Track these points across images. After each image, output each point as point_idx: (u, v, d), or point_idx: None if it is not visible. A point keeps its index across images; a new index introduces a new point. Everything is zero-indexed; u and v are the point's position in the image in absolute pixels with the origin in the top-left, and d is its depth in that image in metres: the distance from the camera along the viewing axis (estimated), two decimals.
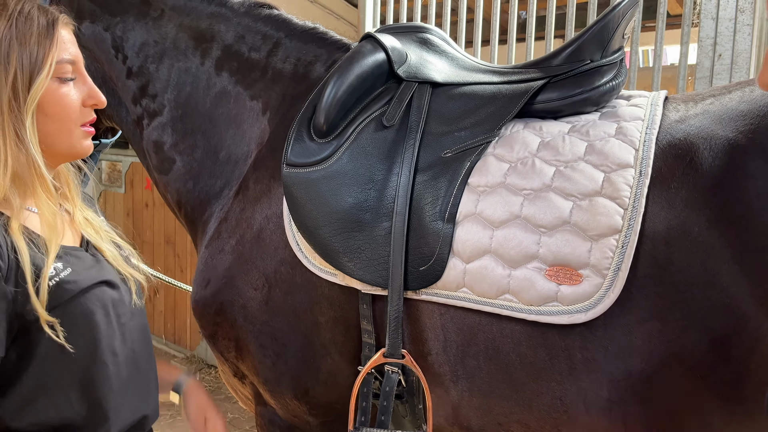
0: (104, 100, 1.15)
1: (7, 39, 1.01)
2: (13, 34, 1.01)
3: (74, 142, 1.11)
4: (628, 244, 1.08)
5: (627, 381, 1.10)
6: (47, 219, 1.04)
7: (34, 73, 1.02)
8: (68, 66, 1.07)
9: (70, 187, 1.18)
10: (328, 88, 1.34)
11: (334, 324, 1.34)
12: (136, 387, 1.14)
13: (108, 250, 1.17)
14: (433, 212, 1.22)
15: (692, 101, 1.25)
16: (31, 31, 1.03)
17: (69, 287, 1.02)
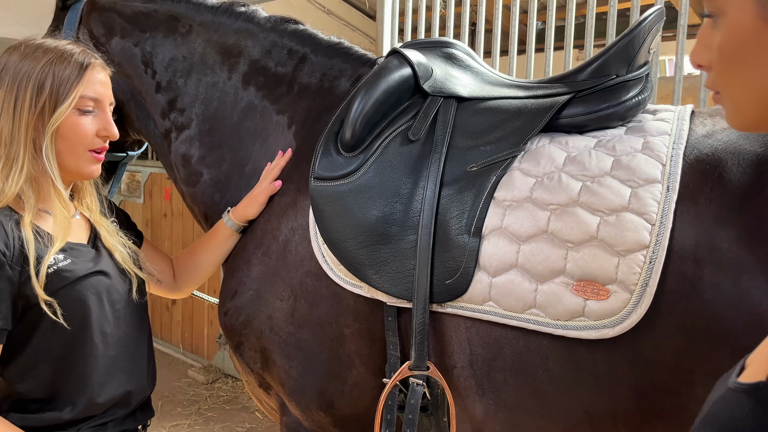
0: (116, 134, 1.34)
1: (47, 70, 1.25)
2: (54, 68, 1.25)
3: (80, 164, 1.31)
4: (656, 260, 1.08)
5: (654, 397, 1.09)
6: (58, 220, 1.26)
7: (59, 102, 1.25)
8: (90, 101, 1.30)
9: (90, 196, 1.41)
10: (356, 102, 1.36)
11: (359, 336, 1.35)
12: (124, 366, 1.33)
13: (118, 250, 1.38)
14: (459, 226, 1.23)
15: (719, 116, 1.25)
16: (67, 69, 1.26)
17: (66, 275, 1.22)
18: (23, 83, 1.24)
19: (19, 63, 1.25)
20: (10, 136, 1.23)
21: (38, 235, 1.22)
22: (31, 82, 1.24)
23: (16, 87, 1.24)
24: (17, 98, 1.23)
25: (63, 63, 1.27)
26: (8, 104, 1.23)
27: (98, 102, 1.32)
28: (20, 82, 1.24)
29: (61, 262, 1.22)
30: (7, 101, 1.24)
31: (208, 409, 3.89)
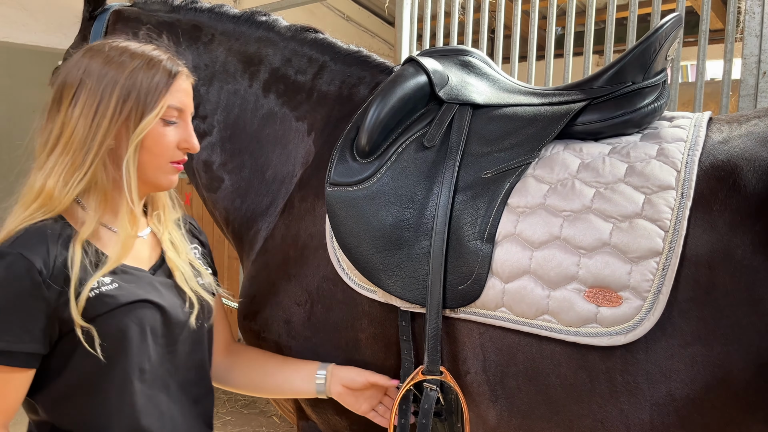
0: (197, 146, 1.27)
1: (135, 77, 1.17)
2: (142, 75, 1.18)
3: (160, 175, 1.23)
4: (669, 266, 1.08)
5: (669, 405, 1.09)
6: (122, 239, 1.16)
7: (146, 112, 1.17)
8: (174, 111, 1.22)
9: (165, 211, 1.34)
10: (371, 110, 1.37)
11: (374, 341, 1.37)
12: (157, 411, 1.17)
13: (180, 272, 1.26)
14: (472, 232, 1.23)
15: (736, 122, 1.24)
16: (156, 77, 1.19)
17: (108, 300, 1.10)
18: (108, 89, 1.15)
19: (104, 67, 1.16)
20: (83, 141, 1.14)
21: (86, 253, 1.11)
22: (117, 89, 1.15)
23: (100, 92, 1.15)
24: (100, 103, 1.14)
25: (151, 70, 1.19)
26: (89, 109, 1.14)
27: (182, 112, 1.24)
28: (105, 87, 1.15)
29: (105, 286, 1.11)
30: (87, 106, 1.14)
31: (226, 413, 3.93)
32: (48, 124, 1.18)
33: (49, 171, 1.13)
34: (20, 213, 1.12)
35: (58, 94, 1.18)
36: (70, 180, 1.13)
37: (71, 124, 1.14)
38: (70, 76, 1.18)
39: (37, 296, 1.04)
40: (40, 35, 4.43)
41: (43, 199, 1.12)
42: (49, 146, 1.15)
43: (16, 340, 1.03)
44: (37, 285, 1.04)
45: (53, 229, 1.11)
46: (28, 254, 1.04)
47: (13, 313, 1.03)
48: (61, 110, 1.16)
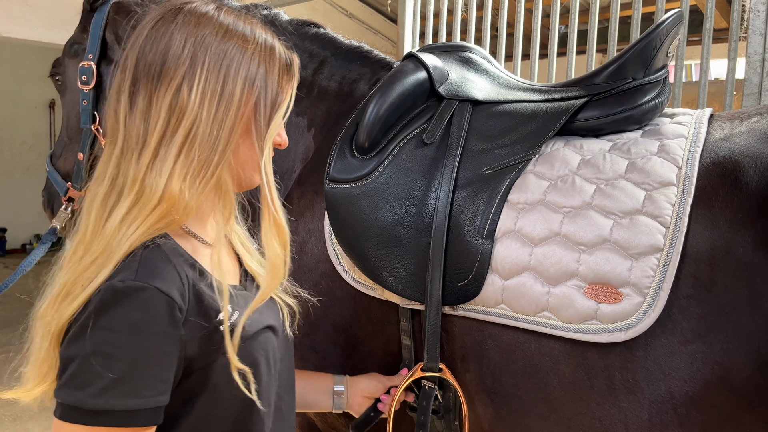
0: (287, 142, 1.08)
1: (259, 64, 0.94)
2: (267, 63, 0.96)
3: (255, 175, 1.01)
4: (669, 263, 1.07)
5: (668, 403, 1.08)
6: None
7: (276, 106, 0.97)
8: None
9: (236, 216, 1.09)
10: (370, 106, 1.37)
11: (372, 338, 1.36)
12: None
13: (260, 274, 1.04)
14: (472, 228, 1.23)
15: (738, 119, 1.24)
16: (276, 61, 0.97)
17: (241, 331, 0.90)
18: (231, 71, 0.91)
19: (221, 42, 0.91)
20: (208, 133, 0.89)
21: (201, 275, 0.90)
22: (242, 73, 0.92)
23: (222, 74, 0.90)
24: (224, 88, 0.90)
25: (273, 57, 0.96)
26: (212, 94, 0.90)
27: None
28: (227, 68, 0.91)
29: (232, 316, 0.90)
30: (210, 89, 0.90)
31: None
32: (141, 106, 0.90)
33: (168, 171, 0.87)
34: (138, 223, 0.86)
35: (156, 67, 0.90)
36: (196, 183, 0.89)
37: (191, 110, 0.88)
38: (173, 45, 0.90)
39: (174, 337, 0.83)
40: (41, 31, 4.43)
41: (166, 206, 0.87)
42: (156, 137, 0.88)
43: (153, 394, 0.81)
44: (176, 324, 0.82)
45: (170, 248, 0.88)
46: (164, 287, 0.82)
47: (151, 362, 0.81)
48: (169, 90, 0.89)
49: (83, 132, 1.70)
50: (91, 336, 0.79)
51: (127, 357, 0.79)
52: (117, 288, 0.80)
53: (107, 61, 1.70)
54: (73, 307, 0.82)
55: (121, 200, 0.87)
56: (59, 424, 0.80)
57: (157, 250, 0.86)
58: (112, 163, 0.90)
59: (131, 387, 0.79)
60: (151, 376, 0.81)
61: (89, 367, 0.78)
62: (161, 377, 0.82)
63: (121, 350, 0.79)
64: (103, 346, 0.78)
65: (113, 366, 0.78)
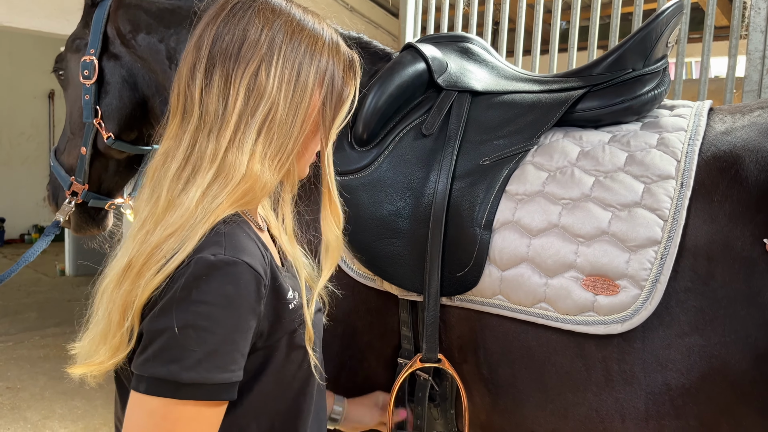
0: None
1: (325, 54, 0.97)
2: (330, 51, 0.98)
3: (307, 167, 1.05)
4: (667, 256, 1.07)
5: (665, 394, 1.09)
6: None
7: (343, 100, 1.00)
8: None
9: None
10: (369, 97, 1.36)
11: (371, 329, 1.36)
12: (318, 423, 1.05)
13: (304, 266, 1.04)
14: (470, 219, 1.23)
15: (739, 113, 1.23)
16: (343, 57, 1.00)
17: (302, 312, 0.94)
18: (306, 62, 0.94)
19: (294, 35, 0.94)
20: (285, 118, 0.92)
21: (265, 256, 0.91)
22: (314, 64, 0.95)
23: (297, 63, 0.93)
24: (299, 77, 0.93)
25: (339, 53, 0.99)
26: (288, 81, 0.92)
27: None
28: (302, 59, 0.93)
29: (296, 298, 0.93)
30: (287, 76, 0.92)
31: None
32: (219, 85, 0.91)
33: (250, 150, 0.89)
34: (221, 199, 0.87)
35: (233, 49, 0.91)
36: (274, 164, 0.91)
37: (270, 93, 0.90)
38: (251, 30, 0.92)
39: (257, 313, 0.85)
40: (42, 20, 4.42)
41: (249, 183, 0.89)
42: (236, 116, 0.90)
43: (238, 368, 0.83)
44: (260, 300, 0.85)
45: (247, 227, 0.91)
46: (252, 263, 0.84)
47: (239, 336, 0.82)
48: (248, 71, 0.91)
49: (85, 126, 1.71)
50: (185, 308, 0.78)
51: (220, 330, 0.79)
52: (210, 261, 0.80)
53: (108, 56, 1.71)
54: (158, 279, 0.81)
55: (199, 175, 0.87)
56: (144, 399, 0.79)
57: (237, 227, 0.87)
58: (186, 139, 0.90)
59: (222, 360, 0.79)
60: (237, 350, 0.81)
61: (183, 340, 0.77)
62: (244, 351, 0.83)
63: (216, 323, 0.79)
64: (197, 318, 0.78)
65: (207, 339, 0.78)
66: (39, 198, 9.57)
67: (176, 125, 0.93)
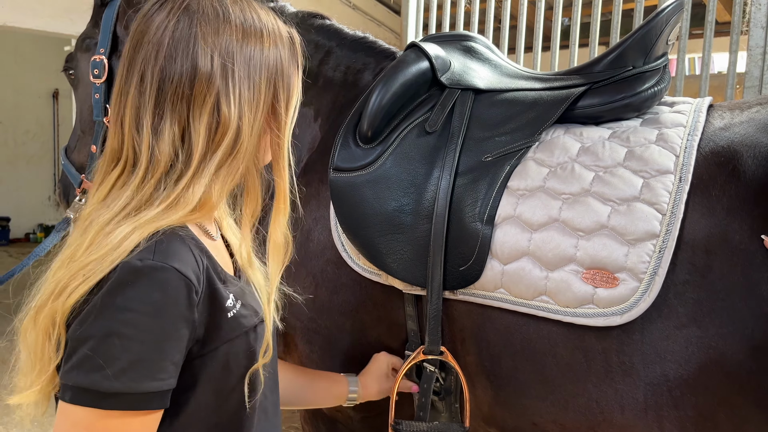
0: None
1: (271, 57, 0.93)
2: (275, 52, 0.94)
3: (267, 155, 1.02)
4: (665, 249, 1.09)
5: (663, 385, 1.11)
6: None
7: (291, 95, 0.96)
8: None
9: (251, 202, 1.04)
10: (373, 96, 1.39)
11: (378, 322, 1.39)
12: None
13: (256, 279, 1.01)
14: (472, 214, 1.25)
15: (738, 109, 1.25)
16: (285, 49, 0.96)
17: (243, 321, 0.90)
18: (256, 72, 0.91)
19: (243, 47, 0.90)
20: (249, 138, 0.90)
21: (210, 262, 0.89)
22: (264, 72, 0.91)
23: (251, 79, 0.90)
24: (254, 92, 0.90)
25: (282, 42, 0.95)
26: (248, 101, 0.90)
27: None
28: (254, 71, 0.90)
29: (236, 306, 0.90)
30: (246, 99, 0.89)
31: None
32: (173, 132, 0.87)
33: (206, 185, 0.87)
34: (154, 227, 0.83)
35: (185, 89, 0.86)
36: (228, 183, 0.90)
37: (232, 123, 0.87)
38: (199, 61, 0.86)
39: (189, 320, 0.81)
40: (46, 20, 4.44)
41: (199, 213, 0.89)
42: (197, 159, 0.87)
43: (167, 377, 0.79)
44: (191, 307, 0.81)
45: (187, 235, 0.87)
46: (182, 269, 0.80)
47: (167, 345, 0.79)
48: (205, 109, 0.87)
49: (96, 125, 1.73)
50: (109, 316, 0.76)
51: (146, 338, 0.76)
52: (136, 266, 0.77)
53: (118, 55, 1.73)
54: (83, 288, 0.78)
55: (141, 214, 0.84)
56: (68, 409, 0.76)
57: (174, 236, 0.84)
58: (129, 190, 0.86)
59: (149, 369, 0.77)
60: (166, 359, 0.79)
61: (106, 348, 0.75)
62: (174, 360, 0.80)
63: (141, 331, 0.76)
64: (121, 326, 0.75)
65: (132, 347, 0.75)
66: (44, 197, 9.58)
67: (117, 173, 0.88)
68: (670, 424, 1.11)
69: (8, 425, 3.51)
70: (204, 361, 0.85)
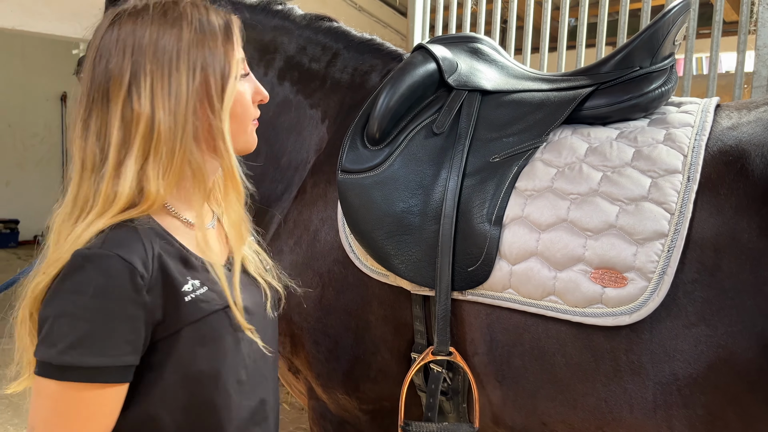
0: (267, 95, 1.11)
1: (193, 45, 0.97)
2: (198, 39, 0.98)
3: (248, 138, 1.09)
4: (674, 248, 1.10)
5: (672, 384, 1.11)
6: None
7: (225, 78, 0.99)
8: (243, 63, 1.05)
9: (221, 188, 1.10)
10: (381, 97, 1.39)
11: (383, 323, 1.39)
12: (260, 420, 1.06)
13: (251, 260, 1.10)
14: (480, 215, 1.26)
15: (746, 109, 1.26)
16: (214, 35, 1.00)
17: (204, 306, 0.95)
18: (173, 65, 0.95)
19: (158, 42, 0.95)
20: (169, 132, 0.94)
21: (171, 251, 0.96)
22: (183, 64, 0.96)
23: (166, 72, 0.95)
24: (170, 85, 0.95)
25: (211, 33, 0.99)
26: (163, 95, 0.94)
27: (245, 61, 1.07)
28: (170, 63, 0.95)
29: (198, 290, 0.95)
30: (159, 92, 0.94)
31: None
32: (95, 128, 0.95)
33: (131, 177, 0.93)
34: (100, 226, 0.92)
35: (103, 86, 0.95)
36: (167, 175, 0.95)
37: (144, 113, 0.93)
38: (114, 63, 0.94)
39: (138, 303, 0.89)
40: (54, 24, 4.47)
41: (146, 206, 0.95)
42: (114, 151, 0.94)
43: (118, 353, 0.88)
44: (138, 290, 0.88)
45: (143, 224, 0.94)
46: (126, 255, 0.88)
47: (114, 324, 0.87)
48: (118, 105, 0.94)
49: None
50: (61, 297, 0.87)
51: (91, 317, 0.86)
52: (84, 254, 0.88)
53: None
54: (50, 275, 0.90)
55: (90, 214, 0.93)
56: (38, 380, 0.87)
57: (127, 227, 0.92)
58: (72, 186, 0.96)
59: (98, 346, 0.86)
60: (115, 337, 0.87)
61: (58, 327, 0.86)
62: (126, 338, 0.88)
63: (86, 311, 0.86)
64: (70, 306, 0.86)
65: (79, 325, 0.85)
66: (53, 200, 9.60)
67: (70, 177, 0.98)
68: (679, 424, 1.11)
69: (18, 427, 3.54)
70: (168, 343, 0.93)
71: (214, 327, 0.97)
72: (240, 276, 1.03)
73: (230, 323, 0.99)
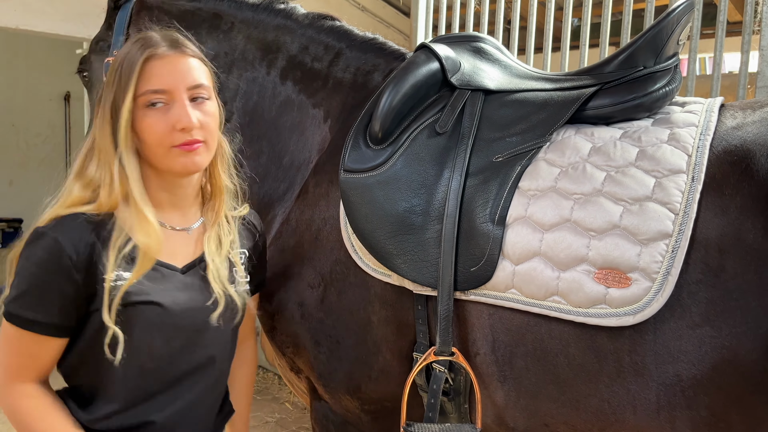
0: (192, 123, 1.17)
1: (121, 64, 1.19)
2: (125, 62, 1.18)
3: (169, 162, 1.20)
4: (678, 249, 1.09)
5: (676, 386, 1.10)
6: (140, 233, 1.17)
7: (120, 105, 1.17)
8: (153, 95, 1.17)
9: (221, 204, 1.32)
10: (384, 97, 1.39)
11: (385, 323, 1.39)
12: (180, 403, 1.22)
13: (213, 269, 1.26)
14: (483, 215, 1.25)
15: (750, 108, 1.25)
16: (129, 67, 1.18)
17: (123, 296, 1.13)
18: (109, 73, 1.23)
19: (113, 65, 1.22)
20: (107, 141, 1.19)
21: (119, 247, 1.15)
22: (114, 69, 1.20)
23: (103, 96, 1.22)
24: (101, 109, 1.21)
25: (126, 60, 1.19)
26: (99, 116, 1.21)
27: (167, 93, 1.17)
28: (108, 73, 1.24)
29: (121, 281, 1.13)
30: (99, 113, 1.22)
31: None
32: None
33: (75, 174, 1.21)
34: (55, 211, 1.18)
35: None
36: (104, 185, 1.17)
37: (91, 136, 1.22)
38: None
39: (68, 278, 1.12)
40: (58, 23, 4.47)
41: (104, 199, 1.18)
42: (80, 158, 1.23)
43: (47, 313, 1.12)
44: (66, 268, 1.11)
45: (91, 219, 1.16)
46: (60, 238, 1.12)
47: (46, 290, 1.12)
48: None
49: None
50: (20, 261, 1.14)
51: (31, 281, 1.12)
52: (36, 232, 1.14)
53: None
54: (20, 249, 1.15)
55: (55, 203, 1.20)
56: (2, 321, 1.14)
57: (75, 216, 1.15)
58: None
59: (29, 303, 1.12)
60: (43, 299, 1.12)
61: (12, 284, 1.13)
62: (55, 303, 1.12)
63: (28, 275, 1.12)
64: (21, 269, 1.13)
65: (20, 285, 1.12)
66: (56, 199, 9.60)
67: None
68: (682, 425, 1.11)
69: None
70: (95, 318, 1.13)
71: (127, 317, 1.14)
72: (190, 280, 1.23)
73: (145, 317, 1.16)
